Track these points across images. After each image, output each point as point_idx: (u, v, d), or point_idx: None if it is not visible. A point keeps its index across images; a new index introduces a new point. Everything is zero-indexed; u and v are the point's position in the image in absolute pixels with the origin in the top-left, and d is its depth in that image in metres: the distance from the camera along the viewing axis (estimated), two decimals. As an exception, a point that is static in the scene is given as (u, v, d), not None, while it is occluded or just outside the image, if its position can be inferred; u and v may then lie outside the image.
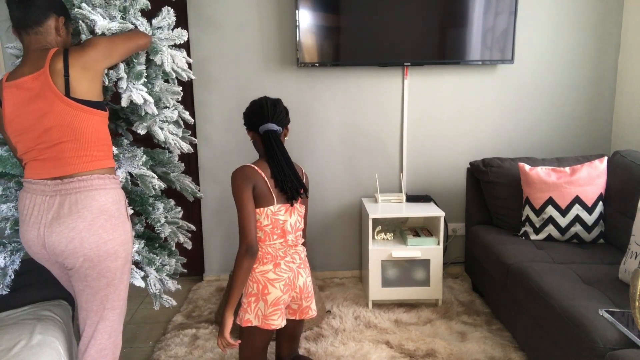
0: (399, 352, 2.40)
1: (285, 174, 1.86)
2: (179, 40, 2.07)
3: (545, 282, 2.12)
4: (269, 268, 1.85)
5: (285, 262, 1.88)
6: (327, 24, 2.98)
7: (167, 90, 2.11)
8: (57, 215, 1.58)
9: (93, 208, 1.59)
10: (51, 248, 1.60)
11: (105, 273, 1.66)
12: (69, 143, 1.59)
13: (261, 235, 1.86)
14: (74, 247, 1.59)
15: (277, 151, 1.87)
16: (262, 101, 1.93)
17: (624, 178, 2.53)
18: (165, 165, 2.25)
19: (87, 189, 1.60)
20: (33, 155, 1.62)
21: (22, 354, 1.67)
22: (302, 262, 1.95)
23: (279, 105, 1.95)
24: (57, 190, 1.59)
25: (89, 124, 1.61)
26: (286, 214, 1.88)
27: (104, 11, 1.88)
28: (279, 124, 1.93)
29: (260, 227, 1.85)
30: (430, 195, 3.27)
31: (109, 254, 1.64)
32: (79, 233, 1.58)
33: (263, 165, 1.88)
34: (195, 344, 2.50)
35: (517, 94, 3.24)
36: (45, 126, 1.57)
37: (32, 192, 1.62)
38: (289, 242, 1.90)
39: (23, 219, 1.63)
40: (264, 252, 1.86)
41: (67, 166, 1.60)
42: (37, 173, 1.62)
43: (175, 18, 2.09)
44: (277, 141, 1.90)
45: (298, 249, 1.95)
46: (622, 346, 1.66)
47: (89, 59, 1.61)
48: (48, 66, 1.55)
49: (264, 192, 1.84)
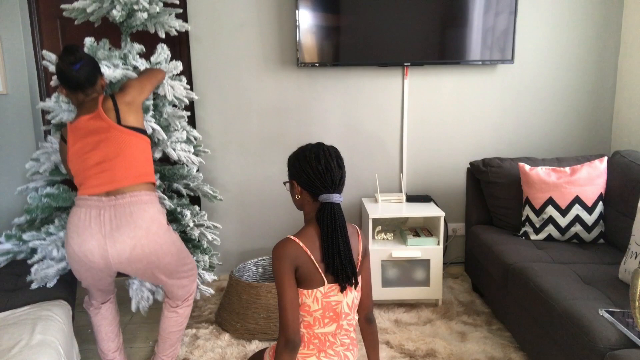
0: (399, 352, 2.40)
1: (342, 261, 1.48)
2: (175, 71, 2.44)
3: (545, 282, 2.12)
4: (312, 352, 1.53)
5: (334, 347, 1.55)
6: (327, 24, 2.98)
7: (174, 115, 2.46)
8: (116, 227, 1.85)
9: (146, 218, 1.89)
10: (115, 257, 1.87)
11: (167, 267, 2.01)
12: (121, 162, 1.92)
13: (309, 320, 1.51)
14: (137, 254, 1.89)
15: (338, 231, 1.49)
16: (328, 162, 1.50)
17: (624, 178, 2.52)
18: (186, 177, 2.58)
19: (138, 203, 1.90)
20: (89, 174, 1.91)
21: (22, 354, 1.67)
22: (351, 342, 1.59)
23: (343, 166, 1.54)
24: (112, 205, 1.87)
25: (137, 146, 1.97)
26: (340, 293, 1.51)
27: (108, 62, 2.28)
28: (342, 190, 1.55)
29: (309, 311, 1.49)
30: (430, 195, 3.27)
31: (165, 253, 1.97)
32: (139, 240, 1.87)
33: (310, 236, 1.50)
34: (196, 344, 2.50)
35: (517, 94, 3.24)
36: (101, 151, 1.91)
37: (87, 207, 1.88)
38: (344, 327, 1.54)
39: (77, 231, 1.87)
40: (311, 336, 1.53)
41: (120, 181, 1.90)
42: (92, 189, 1.89)
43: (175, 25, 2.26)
44: (340, 219, 1.50)
45: (351, 329, 1.58)
46: (622, 346, 1.66)
47: (129, 97, 2.01)
48: (101, 107, 1.95)
49: (311, 272, 1.47)
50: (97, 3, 2.34)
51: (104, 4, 2.34)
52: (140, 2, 2.33)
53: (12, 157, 3.00)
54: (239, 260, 3.32)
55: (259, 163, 3.25)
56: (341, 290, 1.49)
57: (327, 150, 1.52)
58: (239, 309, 2.57)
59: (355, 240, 1.57)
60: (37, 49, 3.01)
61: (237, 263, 3.26)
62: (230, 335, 2.57)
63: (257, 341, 2.52)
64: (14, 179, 3.01)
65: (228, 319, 2.62)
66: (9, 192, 3.03)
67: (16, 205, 3.04)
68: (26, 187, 2.38)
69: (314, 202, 1.53)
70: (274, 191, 3.28)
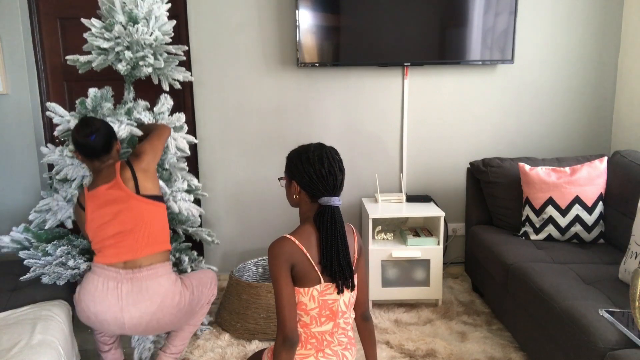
0: (399, 352, 2.40)
1: (341, 264, 1.48)
2: (178, 122, 2.47)
3: (545, 282, 2.12)
4: (310, 352, 1.52)
5: (331, 347, 1.54)
6: (327, 24, 2.98)
7: (176, 166, 2.51)
8: (133, 302, 1.93)
9: (161, 293, 1.97)
10: (131, 327, 1.97)
11: (178, 325, 2.13)
12: (139, 232, 1.98)
13: (306, 319, 1.50)
14: (152, 326, 2.00)
15: (338, 235, 1.48)
16: (331, 166, 1.49)
17: (624, 178, 2.52)
18: (185, 223, 2.59)
19: (154, 276, 1.98)
20: (108, 244, 1.98)
21: (22, 354, 1.67)
22: (349, 341, 1.59)
23: (344, 169, 1.54)
24: (129, 279, 1.95)
25: (155, 215, 2.04)
26: (336, 291, 1.51)
27: (113, 118, 2.29)
28: (340, 193, 1.54)
29: (306, 310, 1.49)
30: (430, 195, 3.27)
31: (178, 321, 2.08)
32: (154, 315, 1.97)
33: (306, 235, 1.49)
34: (196, 344, 2.50)
35: (517, 94, 3.24)
36: (120, 221, 1.97)
37: (105, 277, 1.95)
38: (340, 325, 1.54)
39: (94, 300, 1.94)
40: (308, 335, 1.52)
41: (138, 251, 1.97)
42: (110, 259, 1.97)
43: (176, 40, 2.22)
44: (340, 222, 1.50)
45: (348, 327, 1.59)
46: (622, 346, 1.66)
47: (145, 164, 2.08)
48: (119, 176, 2.01)
49: (307, 271, 1.47)
50: (103, 56, 2.35)
51: (109, 56, 2.35)
52: (147, 59, 2.35)
53: (12, 157, 3.00)
54: (239, 260, 3.32)
55: (259, 163, 3.25)
56: (338, 292, 1.49)
57: (330, 153, 1.51)
58: (239, 309, 2.57)
59: (352, 239, 1.58)
60: (37, 49, 3.01)
61: (237, 263, 3.26)
62: (230, 335, 2.57)
63: (257, 341, 2.52)
64: (14, 178, 3.01)
65: (228, 319, 2.62)
66: (9, 192, 3.03)
67: (16, 205, 3.04)
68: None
69: (312, 203, 1.52)
70: (274, 191, 3.28)
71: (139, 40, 2.31)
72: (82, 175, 2.32)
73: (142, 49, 2.36)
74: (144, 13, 2.34)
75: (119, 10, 2.32)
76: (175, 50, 2.51)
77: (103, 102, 2.39)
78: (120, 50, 2.33)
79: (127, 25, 2.31)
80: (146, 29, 2.32)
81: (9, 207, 3.04)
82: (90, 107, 2.38)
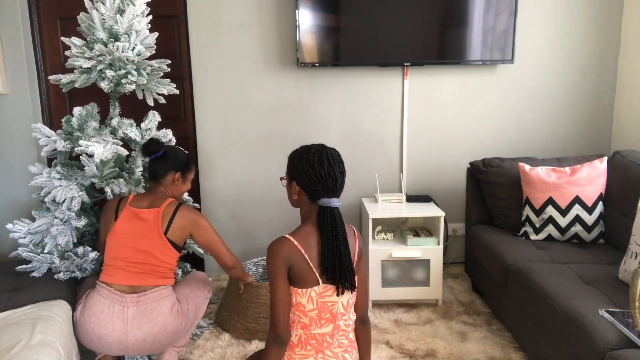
0: (399, 352, 2.40)
1: (343, 266, 1.47)
2: (165, 138, 2.52)
3: (545, 282, 2.12)
4: (310, 353, 1.51)
5: (332, 348, 1.53)
6: (327, 24, 2.98)
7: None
8: (138, 326, 2.01)
9: (164, 313, 2.06)
10: (134, 349, 2.05)
11: (176, 341, 2.19)
12: (151, 263, 2.08)
13: (305, 321, 1.49)
14: (155, 347, 2.09)
15: (339, 237, 1.47)
16: (331, 167, 1.49)
17: (624, 178, 2.52)
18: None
19: (158, 298, 2.07)
20: (120, 264, 2.07)
21: (22, 354, 1.67)
22: (349, 343, 1.57)
23: (344, 171, 1.53)
24: (135, 302, 2.03)
25: (169, 257, 2.13)
26: (335, 293, 1.50)
27: (99, 138, 2.27)
28: (340, 194, 1.54)
29: (304, 311, 1.48)
30: (430, 195, 3.27)
31: (178, 338, 2.17)
32: (156, 336, 2.05)
33: (306, 235, 1.49)
34: (196, 344, 2.50)
35: (517, 94, 3.24)
36: (139, 246, 2.08)
37: (110, 300, 2.02)
38: (341, 327, 1.53)
39: (98, 323, 2.01)
40: (308, 336, 1.51)
41: (146, 279, 2.07)
42: (118, 280, 2.06)
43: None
44: (341, 224, 1.49)
45: (349, 329, 1.58)
46: (622, 346, 1.66)
47: (183, 233, 2.15)
48: (163, 210, 2.12)
49: (304, 272, 1.46)
50: (86, 75, 2.33)
51: (92, 74, 2.32)
52: (129, 76, 2.33)
53: (12, 156, 3.00)
54: (239, 260, 3.32)
55: (259, 163, 3.25)
56: (338, 294, 1.48)
57: (330, 154, 1.50)
58: (239, 308, 2.57)
59: (352, 240, 1.57)
60: (37, 49, 3.01)
61: (237, 263, 3.26)
62: (230, 335, 2.57)
63: (257, 341, 2.52)
64: (14, 178, 3.01)
65: (228, 318, 2.62)
66: (9, 192, 3.02)
67: (16, 205, 3.04)
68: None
69: (312, 203, 1.52)
70: (274, 191, 3.28)
71: (120, 57, 2.27)
72: (70, 197, 2.27)
73: (124, 65, 2.32)
74: (124, 28, 2.28)
75: (99, 27, 2.27)
76: (158, 65, 2.46)
77: (89, 119, 2.39)
78: (102, 68, 2.29)
79: (108, 42, 2.27)
80: (127, 45, 2.27)
81: (9, 207, 3.04)
82: (77, 125, 2.38)
